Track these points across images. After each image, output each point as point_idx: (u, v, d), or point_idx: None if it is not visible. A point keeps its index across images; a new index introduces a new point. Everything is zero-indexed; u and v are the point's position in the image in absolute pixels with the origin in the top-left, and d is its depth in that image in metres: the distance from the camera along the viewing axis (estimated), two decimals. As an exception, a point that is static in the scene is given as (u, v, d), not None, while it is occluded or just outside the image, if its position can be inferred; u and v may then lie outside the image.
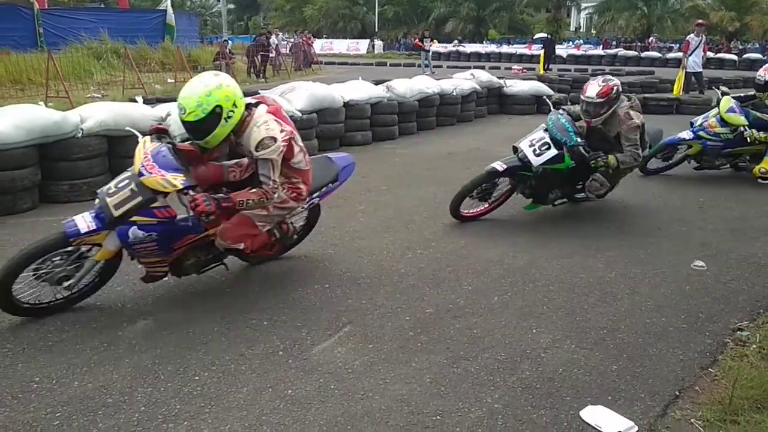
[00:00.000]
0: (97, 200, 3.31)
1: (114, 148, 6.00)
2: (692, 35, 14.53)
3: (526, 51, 35.01)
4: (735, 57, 31.31)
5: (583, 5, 55.21)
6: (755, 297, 3.80)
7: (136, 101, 6.95)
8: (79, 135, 5.69)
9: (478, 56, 36.56)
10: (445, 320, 3.44)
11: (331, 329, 3.32)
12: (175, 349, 3.08)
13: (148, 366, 2.92)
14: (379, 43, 47.42)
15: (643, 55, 33.21)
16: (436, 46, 33.16)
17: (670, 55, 30.94)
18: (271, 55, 22.38)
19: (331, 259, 4.36)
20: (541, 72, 21.74)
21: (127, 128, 4.32)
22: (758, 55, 32.57)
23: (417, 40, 26.31)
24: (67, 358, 2.98)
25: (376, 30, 51.23)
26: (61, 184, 5.65)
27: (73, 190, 5.65)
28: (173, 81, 17.33)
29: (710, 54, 31.78)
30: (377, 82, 10.17)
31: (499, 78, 13.04)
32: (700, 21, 16.84)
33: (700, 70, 14.49)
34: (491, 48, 39.76)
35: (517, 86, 12.87)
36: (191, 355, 3.02)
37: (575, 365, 3.00)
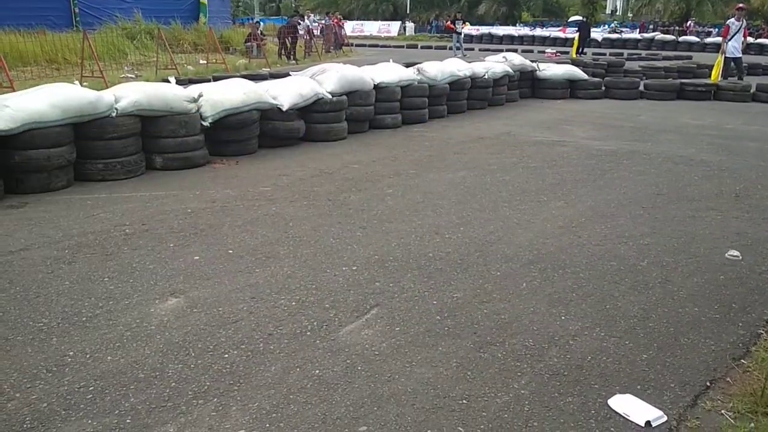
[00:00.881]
0: None
1: (147, 128, 6.08)
2: (732, 19, 14.14)
3: (560, 34, 34.50)
4: (777, 42, 30.29)
5: (620, -13, 54.05)
6: (792, 288, 3.71)
7: (169, 82, 7.01)
8: (114, 114, 5.76)
9: (510, 39, 36.11)
10: (473, 305, 3.43)
11: (359, 311, 3.33)
12: (205, 327, 3.12)
13: (179, 343, 2.97)
14: (410, 25, 47.11)
15: (680, 39, 32.43)
16: (468, 29, 32.81)
17: (709, 39, 30.15)
18: (304, 36, 22.38)
19: (359, 241, 4.36)
20: (574, 56, 21.42)
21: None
22: (801, 40, 31.53)
23: (449, 23, 26.21)
24: (100, 334, 3.04)
25: (408, 12, 50.81)
26: (96, 163, 5.74)
27: (108, 169, 5.75)
28: (205, 62, 17.46)
29: (750, 39, 30.92)
30: (408, 65, 10.13)
31: (533, 61, 12.85)
32: (740, 5, 16.35)
33: (740, 55, 14.12)
34: (524, 31, 39.17)
35: (551, 70, 12.69)
36: (221, 334, 3.06)
37: (604, 353, 2.97)
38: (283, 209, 5.05)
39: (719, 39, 16.89)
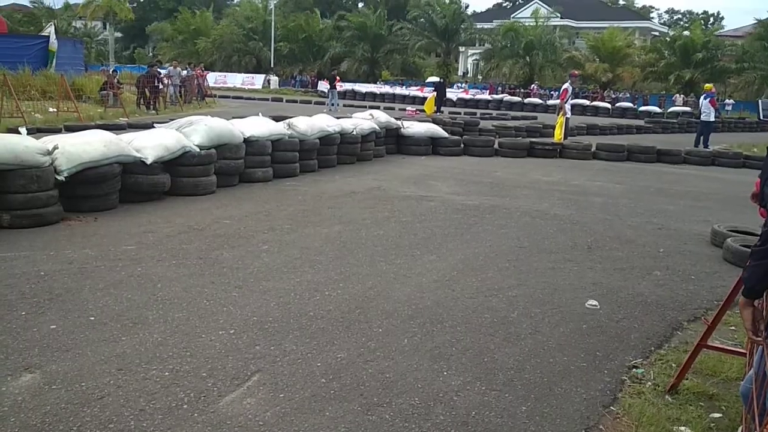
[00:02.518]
0: None
1: (-7, 183, 5.53)
2: (567, 84, 15.63)
3: (419, 93, 36.25)
4: (608, 105, 33.95)
5: (470, 52, 58.10)
6: (646, 335, 4.05)
7: (19, 132, 6.46)
8: (-48, 167, 5.20)
9: (373, 96, 37.40)
10: (357, 365, 3.39)
11: (239, 378, 3.17)
12: (66, 405, 2.81)
13: (36, 426, 2.64)
14: (274, 79, 47.43)
15: (526, 101, 35.32)
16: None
17: (551, 101, 33.02)
18: (165, 86, 21.73)
19: (236, 302, 4.19)
20: (428, 112, 22.89)
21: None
22: (629, 104, 35.58)
23: (337, 79, 28.92)
24: (-62, 422, 2.65)
25: (272, 65, 51.16)
26: (-73, 221, 5.11)
27: (-57, 228, 5.13)
28: (55, 110, 16.35)
29: (586, 102, 34.43)
30: (276, 118, 10.11)
31: (397, 119, 13.35)
32: (575, 71, 18.26)
33: (569, 115, 15.59)
34: (386, 89, 40.83)
35: (414, 128, 13.23)
36: (85, 412, 2.77)
37: (487, 408, 3.04)
38: (149, 269, 4.75)
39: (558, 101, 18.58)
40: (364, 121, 11.65)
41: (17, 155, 5.61)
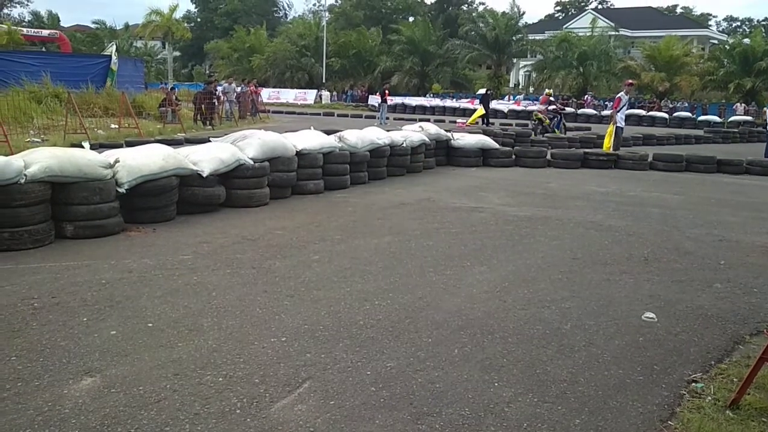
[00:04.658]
0: None
1: (58, 195, 5.78)
2: (622, 93, 15.32)
3: (469, 105, 36.11)
4: (666, 115, 33.05)
5: (522, 63, 57.59)
6: (705, 349, 3.90)
7: (82, 146, 6.75)
8: (22, 181, 5.45)
9: (423, 109, 37.50)
10: (407, 374, 3.38)
11: (291, 385, 3.21)
12: (125, 408, 2.90)
13: (96, 428, 2.74)
14: (326, 94, 48.07)
15: (579, 112, 34.71)
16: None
17: (605, 112, 32.38)
18: (221, 103, 22.37)
19: (287, 310, 4.25)
20: (469, 123, 23.82)
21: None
22: (687, 114, 34.54)
23: (387, 92, 29.29)
24: (9, 419, 2.77)
25: (324, 81, 51.90)
26: (1, 232, 5.37)
27: (14, 239, 5.37)
28: (117, 126, 17.01)
29: (642, 112, 33.61)
30: (328, 132, 10.25)
31: (447, 131, 13.33)
32: (630, 81, 17.88)
33: (623, 126, 15.23)
34: (435, 102, 40.85)
35: (464, 139, 13.18)
36: (142, 415, 2.86)
37: (539, 419, 2.98)
38: (205, 278, 4.87)
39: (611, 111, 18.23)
40: (413, 133, 11.68)
41: (80, 168, 5.85)
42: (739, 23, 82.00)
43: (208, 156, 7.31)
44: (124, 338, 3.69)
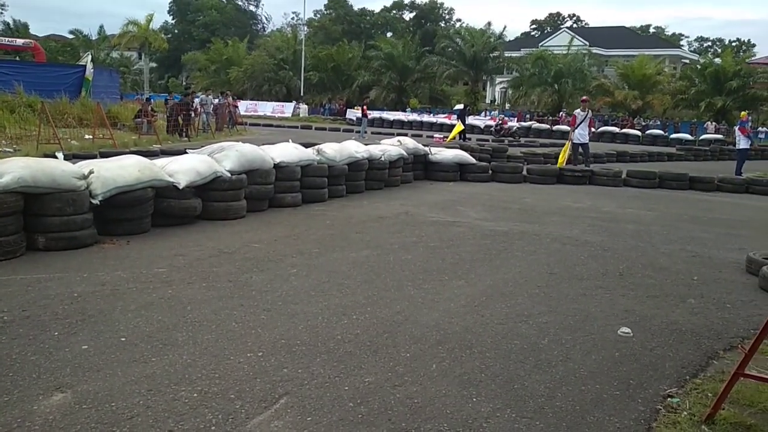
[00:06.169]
0: None
1: (30, 206, 5.66)
2: (578, 110, 15.59)
3: (447, 120, 36.39)
4: (639, 133, 33.63)
5: (498, 80, 58.23)
6: (681, 364, 3.94)
7: (56, 157, 6.64)
8: (-8, 191, 5.34)
9: (401, 123, 37.70)
10: (385, 389, 3.36)
11: (267, 401, 3.16)
12: (96, 425, 2.83)
13: (66, 445, 2.67)
14: (304, 107, 48.10)
15: (554, 128, 35.17)
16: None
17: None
18: (197, 114, 22.23)
19: (264, 325, 4.20)
20: (449, 139, 23.76)
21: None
22: (660, 131, 35.20)
23: (365, 107, 30.14)
24: (-28, 438, 2.69)
25: (301, 94, 51.95)
26: (-31, 243, 5.25)
27: (-17, 249, 5.26)
28: (91, 137, 16.79)
29: (616, 129, 34.16)
30: (306, 145, 10.23)
31: (425, 146, 13.40)
32: (584, 97, 18.25)
33: (587, 141, 15.46)
34: (413, 116, 41.12)
35: (442, 154, 13.27)
36: (114, 432, 2.79)
37: (517, 435, 2.98)
38: (180, 292, 4.80)
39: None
40: (392, 147, 11.71)
41: (54, 179, 5.75)
42: (710, 43, 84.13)
43: (185, 168, 7.24)
44: (97, 353, 3.61)
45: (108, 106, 20.93)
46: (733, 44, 74.82)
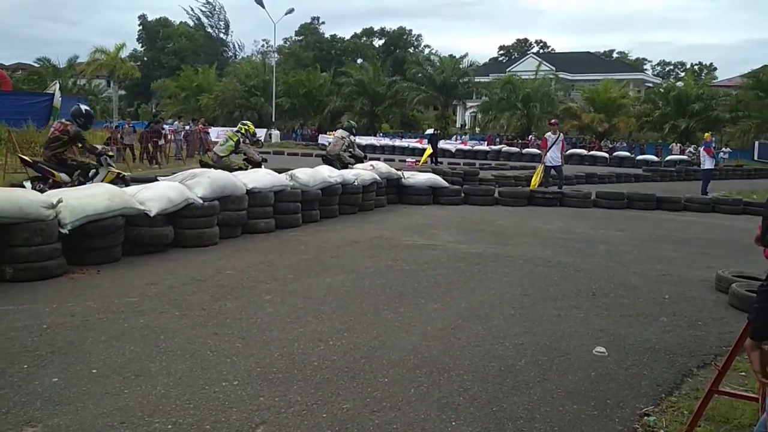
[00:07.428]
0: None
1: (-3, 236, 5.55)
2: (549, 133, 15.87)
3: (418, 145, 36.69)
4: (606, 155, 34.29)
5: (468, 104, 59.01)
6: (656, 382, 3.98)
7: (23, 186, 6.52)
8: (-43, 221, 5.21)
9: (373, 148, 37.78)
10: (363, 416, 3.32)
11: (243, 431, 3.11)
12: (67, 460, 2.75)
13: (35, 482, 2.58)
14: (276, 133, 48.00)
15: (524, 151, 35.68)
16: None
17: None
18: (168, 141, 22.08)
19: (239, 353, 4.14)
20: (421, 163, 24.01)
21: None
22: (626, 153, 35.94)
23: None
24: (-64, 478, 2.58)
25: (273, 120, 51.92)
26: (-69, 275, 5.10)
27: (-54, 282, 5.11)
28: (59, 165, 16.48)
29: (584, 152, 34.78)
30: (277, 170, 10.20)
31: (398, 170, 13.48)
32: (553, 120, 18.64)
33: (559, 163, 15.71)
34: (385, 141, 41.35)
35: (414, 178, 13.35)
36: (86, 467, 2.71)
37: (498, 458, 2.97)
38: (152, 321, 4.71)
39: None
40: (365, 171, 11.75)
41: (21, 208, 5.64)
42: (672, 67, 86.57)
43: (156, 195, 7.16)
44: (67, 385, 3.51)
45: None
46: (695, 67, 77.16)
